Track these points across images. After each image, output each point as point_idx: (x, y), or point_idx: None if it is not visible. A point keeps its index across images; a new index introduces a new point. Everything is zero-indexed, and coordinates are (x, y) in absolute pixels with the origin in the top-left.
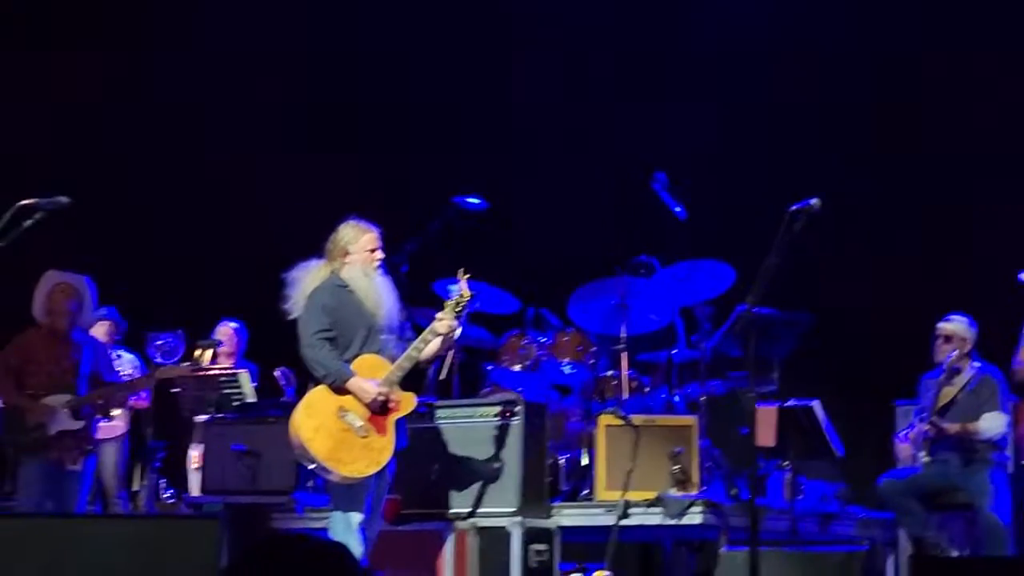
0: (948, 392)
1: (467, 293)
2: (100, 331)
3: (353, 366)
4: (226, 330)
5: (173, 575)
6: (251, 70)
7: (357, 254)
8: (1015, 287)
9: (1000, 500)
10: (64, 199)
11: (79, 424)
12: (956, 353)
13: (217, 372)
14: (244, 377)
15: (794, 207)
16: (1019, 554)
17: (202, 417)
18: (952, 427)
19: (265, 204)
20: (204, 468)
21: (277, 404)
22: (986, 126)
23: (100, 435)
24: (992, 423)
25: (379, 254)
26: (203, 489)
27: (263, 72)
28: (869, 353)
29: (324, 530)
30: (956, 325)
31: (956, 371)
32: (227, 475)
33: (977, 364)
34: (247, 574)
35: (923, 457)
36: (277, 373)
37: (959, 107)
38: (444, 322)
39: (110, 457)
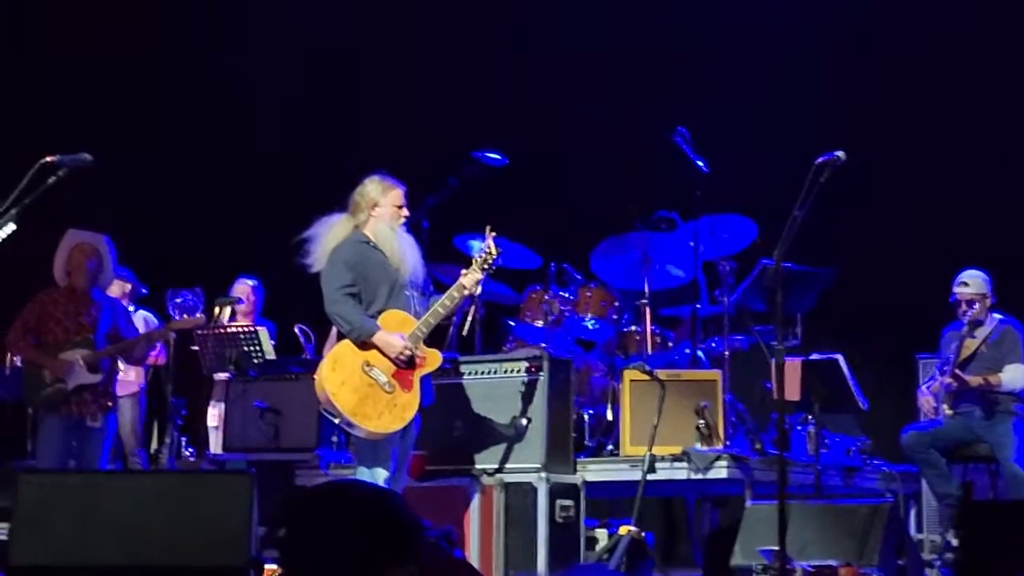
0: (970, 345)
1: (494, 249)
2: (115, 291)
3: (379, 321)
4: (243, 287)
5: (206, 529)
6: (269, 14)
7: (385, 208)
8: None
9: (1023, 451)
10: (87, 156)
11: (97, 378)
12: (978, 306)
13: (237, 329)
14: (263, 334)
15: (820, 159)
16: None
17: (222, 375)
18: (974, 379)
19: (282, 158)
20: (226, 425)
21: (298, 361)
22: (1012, 74)
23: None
24: (1014, 375)
25: (405, 211)
26: (225, 446)
27: (281, 17)
28: (891, 307)
29: None
30: (973, 287)
31: (978, 323)
32: (249, 432)
33: (998, 316)
34: (306, 518)
35: (945, 410)
36: (296, 330)
37: (983, 57)
38: (471, 278)
39: (127, 414)
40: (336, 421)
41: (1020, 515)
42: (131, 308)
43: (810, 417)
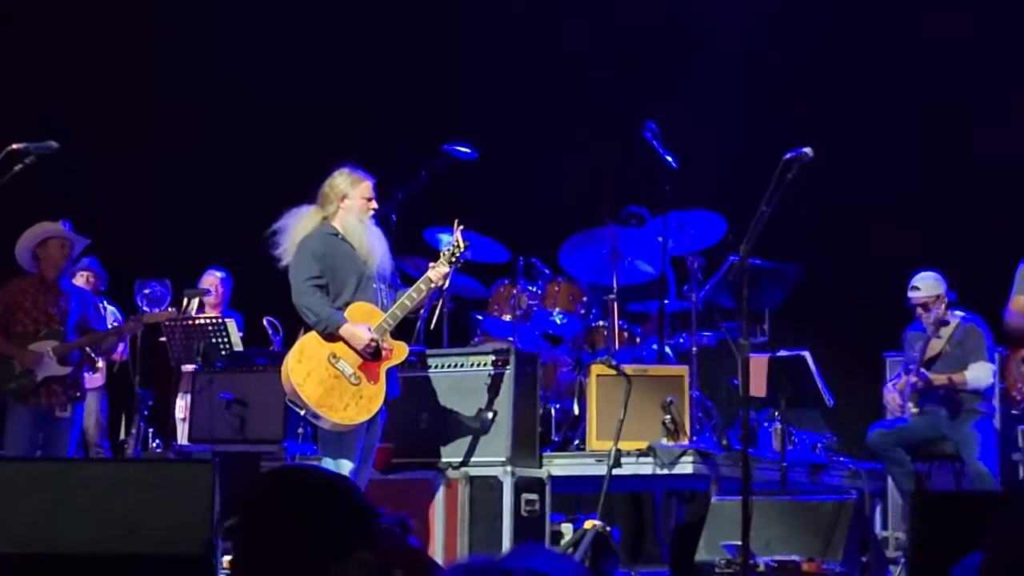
0: (935, 345)
1: (462, 243)
2: (80, 282)
3: (346, 313)
4: (212, 279)
5: (168, 518)
6: (241, 14)
7: (354, 200)
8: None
9: (987, 450)
10: (54, 144)
11: (66, 370)
12: (942, 308)
13: (204, 321)
14: (231, 326)
15: (787, 155)
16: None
17: (189, 366)
18: (939, 378)
19: (251, 149)
20: (192, 417)
21: (265, 353)
22: (977, 73)
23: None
24: (979, 373)
25: (374, 204)
26: (191, 437)
27: (253, 17)
28: (858, 305)
29: None
30: (925, 290)
31: (944, 323)
32: (215, 424)
33: (960, 313)
34: (258, 504)
35: (911, 408)
36: (265, 322)
37: (952, 55)
38: (438, 271)
39: (91, 407)
40: (302, 412)
41: (971, 505)
42: (99, 303)
43: (777, 414)
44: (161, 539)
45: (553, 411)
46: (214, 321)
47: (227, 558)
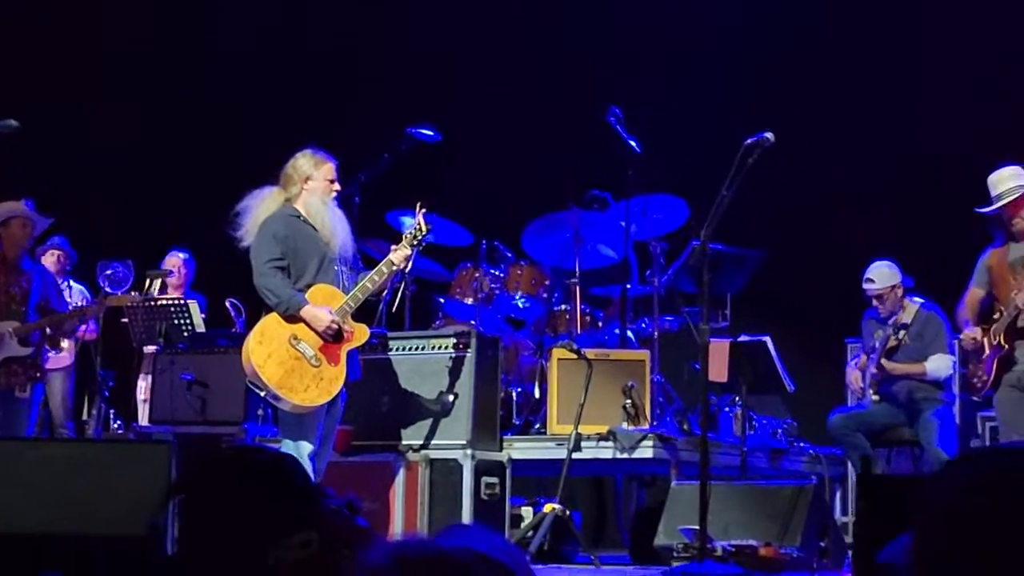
0: (895, 340)
1: (424, 226)
2: (50, 261)
3: (307, 295)
4: (175, 260)
5: (125, 498)
6: None
7: (317, 182)
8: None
9: (946, 436)
10: (13, 122)
11: (27, 351)
12: (903, 304)
13: (166, 302)
14: (193, 307)
15: (748, 141)
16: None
17: (151, 347)
18: (898, 368)
19: (216, 130)
20: (153, 398)
21: (227, 334)
22: (941, 70)
23: (48, 365)
24: (938, 364)
25: (337, 185)
26: (152, 419)
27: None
28: (820, 290)
29: None
30: (879, 282)
31: (904, 327)
32: (176, 405)
33: (919, 300)
34: (201, 483)
35: (872, 396)
36: (227, 303)
37: (911, 48)
38: (400, 254)
39: (57, 387)
40: (262, 394)
41: (913, 488)
42: (65, 284)
43: (737, 398)
44: (117, 519)
45: (514, 394)
46: (176, 302)
47: None
